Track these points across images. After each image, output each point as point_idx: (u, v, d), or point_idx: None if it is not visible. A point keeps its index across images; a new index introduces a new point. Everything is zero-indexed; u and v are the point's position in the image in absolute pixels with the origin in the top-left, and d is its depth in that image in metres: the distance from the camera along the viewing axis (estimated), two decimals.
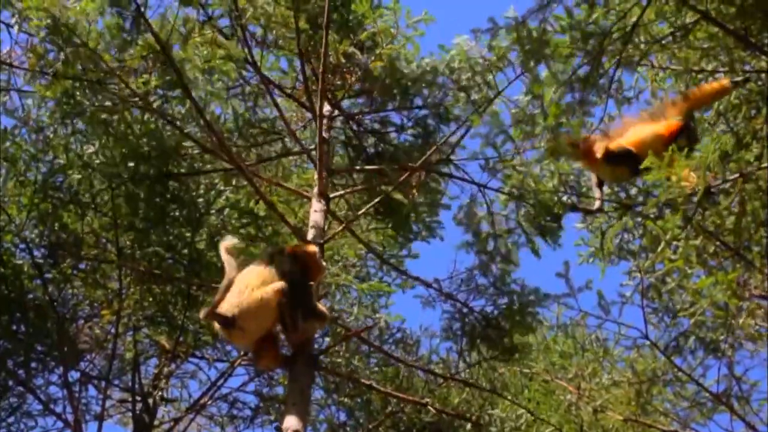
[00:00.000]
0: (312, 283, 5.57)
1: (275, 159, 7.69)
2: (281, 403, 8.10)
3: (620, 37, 6.36)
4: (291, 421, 5.23)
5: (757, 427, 6.99)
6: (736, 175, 6.06)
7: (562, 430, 7.91)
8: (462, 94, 7.13)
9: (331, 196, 6.94)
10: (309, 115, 7.60)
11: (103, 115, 6.44)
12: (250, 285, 5.30)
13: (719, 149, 6.09)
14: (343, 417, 7.95)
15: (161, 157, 6.55)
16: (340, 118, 7.58)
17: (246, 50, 6.86)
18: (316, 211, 6.39)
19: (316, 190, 6.59)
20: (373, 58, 7.16)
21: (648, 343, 7.16)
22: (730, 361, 7.29)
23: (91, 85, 6.21)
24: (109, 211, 6.73)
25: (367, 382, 6.72)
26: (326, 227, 6.69)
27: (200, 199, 6.90)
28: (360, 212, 6.93)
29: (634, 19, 6.27)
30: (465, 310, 7.26)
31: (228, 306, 5.23)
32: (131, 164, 6.60)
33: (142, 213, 6.84)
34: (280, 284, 5.30)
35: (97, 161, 6.72)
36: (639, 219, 6.98)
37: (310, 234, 6.23)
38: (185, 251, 7.11)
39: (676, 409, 7.62)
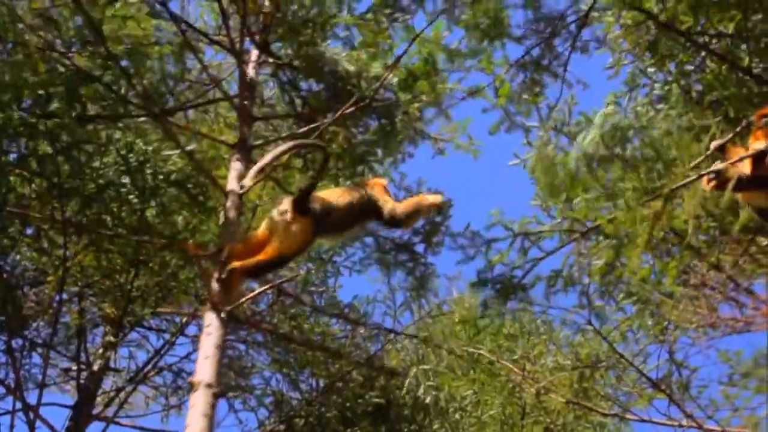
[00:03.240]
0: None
1: (198, 107, 7.50)
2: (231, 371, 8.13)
3: (575, 20, 6.42)
4: (203, 374, 5.07)
5: (694, 414, 7.08)
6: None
7: (505, 411, 7.97)
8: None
9: (255, 143, 6.75)
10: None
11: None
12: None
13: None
14: (286, 388, 7.93)
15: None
16: (270, 63, 7.38)
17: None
18: (237, 160, 6.24)
19: (238, 138, 6.45)
20: None
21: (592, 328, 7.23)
22: (671, 347, 7.40)
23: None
24: (53, 175, 6.62)
25: (287, 335, 6.68)
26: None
27: (147, 166, 6.79)
28: (283, 161, 6.68)
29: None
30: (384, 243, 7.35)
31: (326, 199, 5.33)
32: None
33: (88, 178, 6.74)
34: None
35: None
36: None
37: (230, 184, 6.08)
38: (132, 219, 7.04)
39: (617, 394, 7.70)
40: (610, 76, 7.71)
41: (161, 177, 6.83)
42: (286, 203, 5.35)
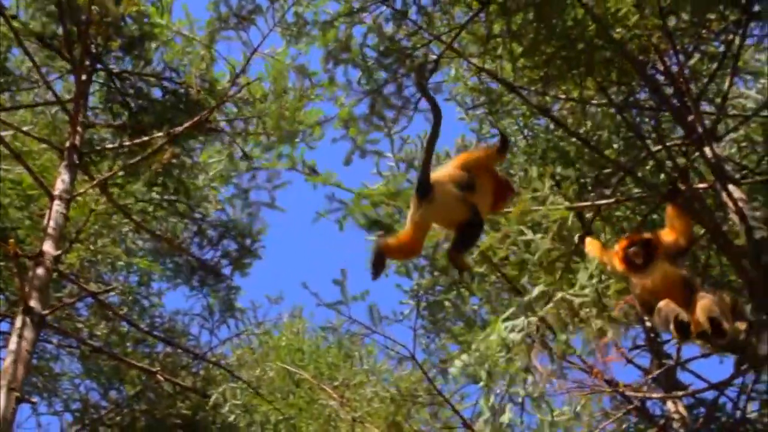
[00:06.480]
0: None
1: (26, 107, 7.36)
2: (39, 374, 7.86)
3: (428, 62, 6.53)
4: (8, 377, 5.10)
5: None
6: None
7: None
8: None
9: (84, 151, 6.71)
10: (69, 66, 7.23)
11: None
12: None
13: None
14: (97, 396, 7.71)
15: None
16: (102, 73, 7.30)
17: None
18: (66, 165, 6.17)
19: (68, 143, 6.38)
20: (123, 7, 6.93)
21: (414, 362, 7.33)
22: (488, 388, 7.52)
23: None
24: None
25: (96, 344, 6.56)
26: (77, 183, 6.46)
27: None
28: (111, 173, 6.62)
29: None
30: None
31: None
32: None
33: None
34: None
35: None
36: None
37: (58, 187, 6.01)
38: None
39: (431, 430, 7.78)
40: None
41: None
42: (413, 200, 5.22)
